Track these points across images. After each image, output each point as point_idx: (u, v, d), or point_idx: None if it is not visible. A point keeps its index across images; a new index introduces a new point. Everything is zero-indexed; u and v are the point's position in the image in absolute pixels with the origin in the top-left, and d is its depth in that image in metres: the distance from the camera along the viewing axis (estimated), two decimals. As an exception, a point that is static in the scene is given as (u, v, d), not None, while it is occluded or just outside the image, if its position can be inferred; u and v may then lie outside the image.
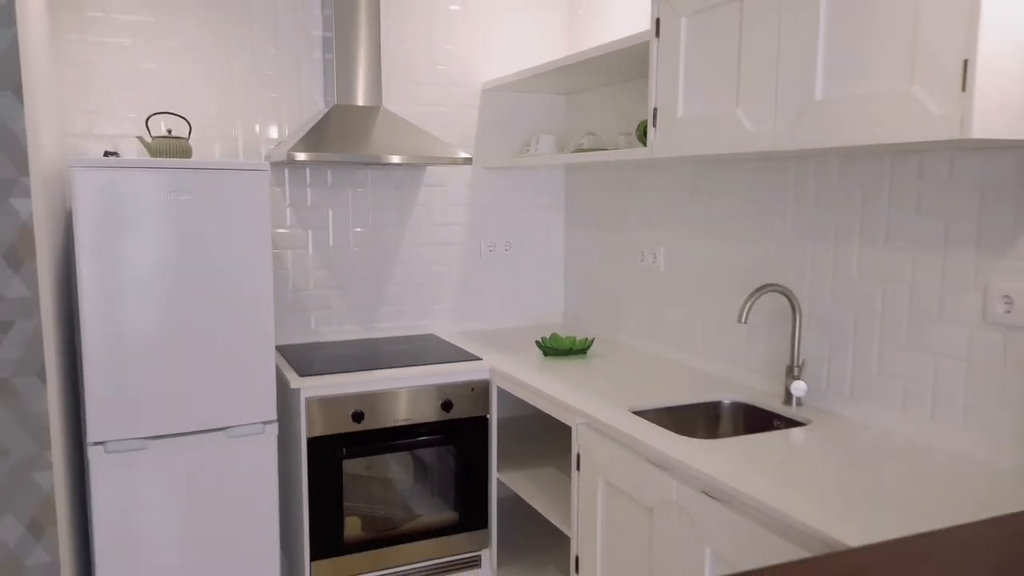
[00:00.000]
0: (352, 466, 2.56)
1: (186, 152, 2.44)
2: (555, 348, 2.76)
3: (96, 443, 2.19)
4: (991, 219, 1.68)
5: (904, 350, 1.89)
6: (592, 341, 2.83)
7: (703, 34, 1.96)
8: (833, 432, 1.91)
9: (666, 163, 2.68)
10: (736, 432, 2.22)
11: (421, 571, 2.68)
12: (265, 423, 2.39)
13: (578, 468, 2.16)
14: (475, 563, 2.76)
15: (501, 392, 2.74)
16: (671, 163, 2.67)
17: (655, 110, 2.14)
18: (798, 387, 2.10)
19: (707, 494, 1.65)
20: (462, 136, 3.20)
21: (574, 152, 2.79)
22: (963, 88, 1.33)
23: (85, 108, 2.63)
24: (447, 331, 3.26)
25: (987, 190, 1.69)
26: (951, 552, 1.11)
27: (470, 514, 2.73)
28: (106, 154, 2.45)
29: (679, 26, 2.03)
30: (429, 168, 3.16)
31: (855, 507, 1.44)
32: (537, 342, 2.80)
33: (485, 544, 2.76)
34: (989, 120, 1.34)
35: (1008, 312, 1.65)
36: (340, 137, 2.64)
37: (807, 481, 1.57)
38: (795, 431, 1.93)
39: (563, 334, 3.25)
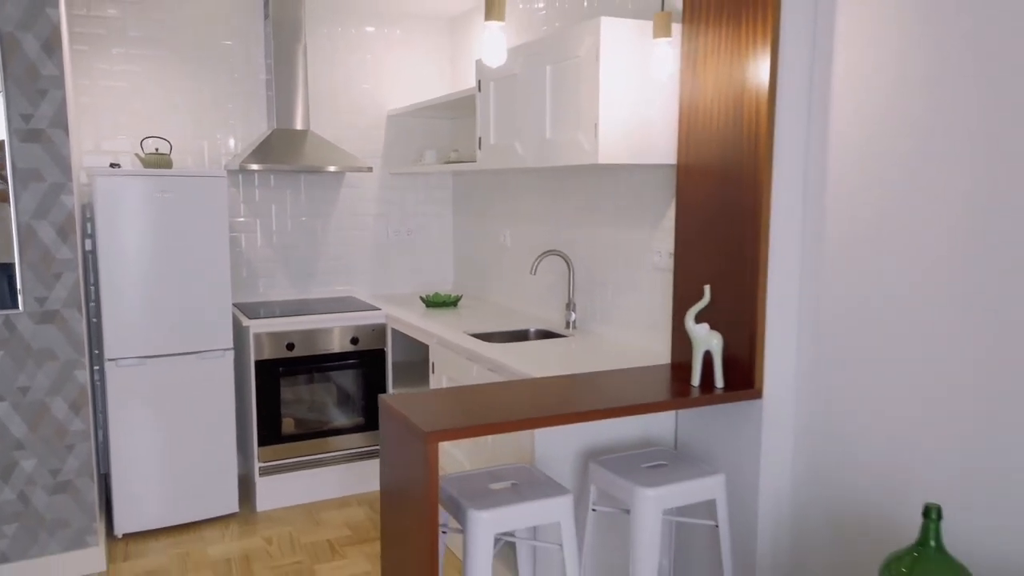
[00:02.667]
0: (287, 381, 3.67)
1: (169, 164, 3.53)
2: (434, 302, 3.91)
3: (110, 359, 3.28)
4: (653, 207, 2.86)
5: (623, 290, 3.07)
6: (461, 296, 3.98)
7: (501, 93, 3.12)
8: (584, 340, 3.09)
9: (495, 172, 3.84)
10: (538, 349, 3.39)
11: (337, 458, 3.81)
12: (225, 350, 3.49)
13: (433, 371, 3.31)
14: (376, 454, 3.89)
15: (394, 332, 3.88)
16: (499, 172, 3.82)
17: (480, 138, 3.29)
18: (570, 317, 3.28)
19: (490, 369, 2.81)
20: (371, 151, 4.33)
21: (442, 163, 3.94)
22: (596, 136, 2.50)
23: (93, 133, 3.71)
24: (362, 294, 4.39)
25: (650, 191, 2.87)
26: (610, 378, 2.27)
27: (372, 417, 3.86)
28: (111, 165, 3.53)
29: (489, 87, 3.19)
30: (347, 174, 4.28)
31: (568, 369, 2.61)
32: (421, 298, 3.95)
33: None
34: (608, 154, 2.51)
35: (659, 260, 2.83)
36: (280, 151, 3.75)
37: (546, 361, 2.74)
38: (560, 340, 3.10)
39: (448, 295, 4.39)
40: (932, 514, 1.67)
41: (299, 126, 3.96)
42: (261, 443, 3.63)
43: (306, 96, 3.96)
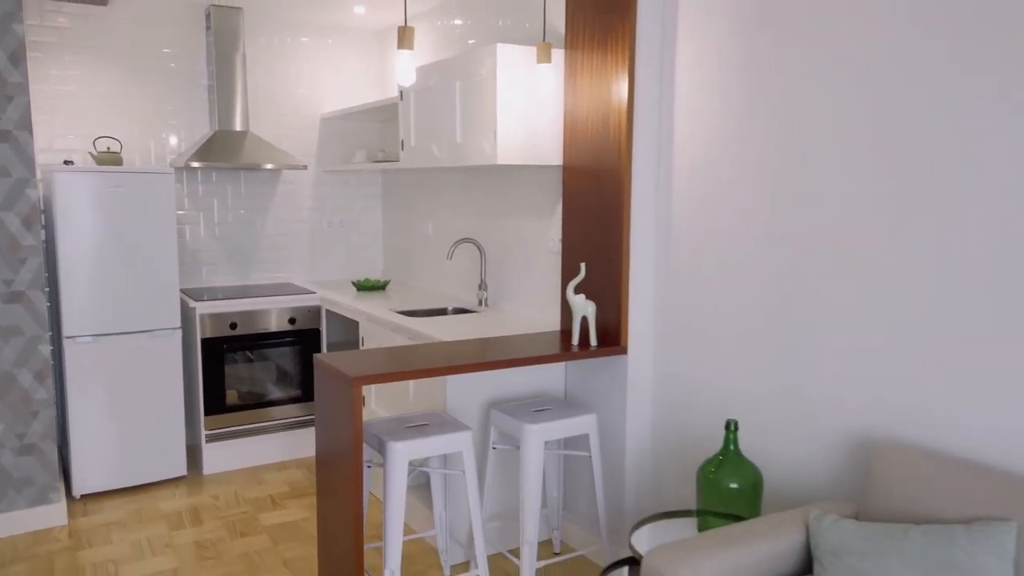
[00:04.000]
0: (231, 358, 4.09)
1: (119, 162, 3.90)
2: (364, 286, 4.38)
3: (68, 337, 3.65)
4: (546, 201, 3.41)
5: (525, 271, 3.61)
6: (389, 281, 4.47)
7: (420, 102, 3.61)
8: (493, 315, 3.61)
9: (418, 170, 4.34)
10: (455, 324, 3.90)
11: (277, 426, 4.25)
12: (173, 329, 3.89)
13: (362, 345, 3.79)
14: (312, 423, 4.34)
15: (328, 313, 4.34)
16: (421, 170, 4.32)
17: (403, 141, 3.78)
18: (482, 296, 3.80)
19: (411, 339, 3.30)
20: (307, 150, 4.77)
21: (371, 162, 4.41)
22: (495, 142, 3.03)
23: (46, 133, 4.05)
24: (298, 280, 4.82)
25: (543, 187, 3.41)
26: (510, 340, 2.79)
27: (310, 390, 4.31)
28: (65, 163, 3.89)
29: (410, 96, 3.68)
30: (284, 171, 4.70)
31: (478, 336, 3.13)
32: (353, 283, 4.42)
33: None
34: (505, 156, 3.04)
35: (552, 245, 3.38)
36: (221, 151, 4.16)
37: (460, 330, 3.25)
38: (474, 315, 3.62)
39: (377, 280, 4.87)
40: (731, 427, 2.25)
41: (239, 127, 4.37)
42: (207, 413, 4.04)
43: (245, 100, 4.37)
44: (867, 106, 2.09)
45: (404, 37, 2.53)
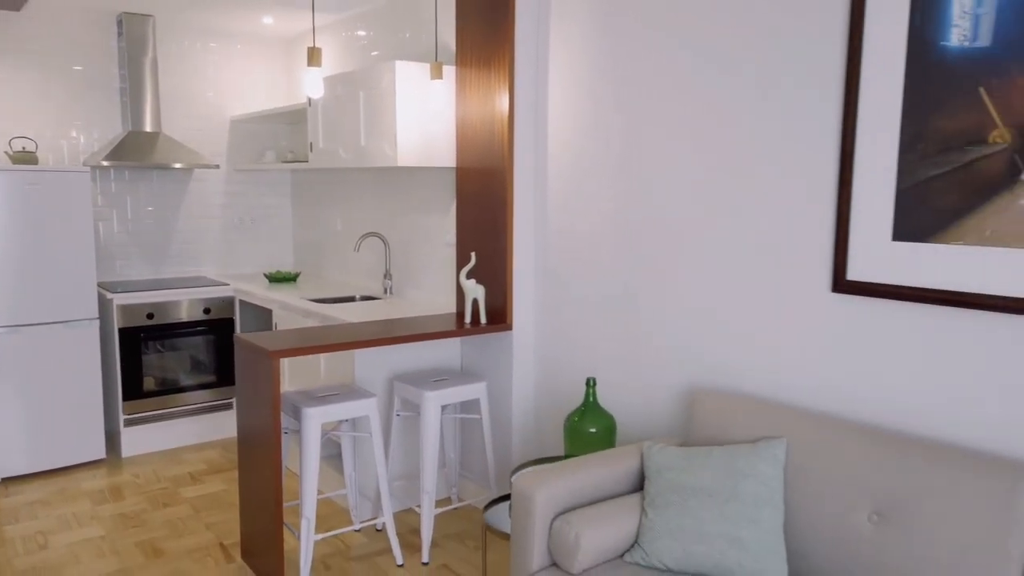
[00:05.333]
0: (148, 346, 4.33)
1: (35, 161, 4.08)
2: (276, 277, 4.69)
3: (-13, 328, 3.82)
4: (443, 199, 3.84)
5: (425, 262, 4.03)
6: (300, 273, 4.79)
7: (327, 109, 3.97)
8: (397, 301, 4.02)
9: (326, 170, 4.69)
10: (362, 311, 4.28)
11: (193, 410, 4.51)
12: (90, 319, 4.10)
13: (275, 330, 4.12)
14: (229, 406, 4.63)
15: (241, 303, 4.63)
16: (329, 170, 4.68)
17: (311, 143, 4.13)
18: (387, 284, 4.20)
19: (320, 322, 3.67)
20: (218, 150, 5.03)
21: (280, 162, 4.73)
22: (395, 146, 3.44)
23: (-41, 131, 4.18)
24: (211, 273, 5.07)
25: (440, 186, 3.84)
26: (410, 321, 3.19)
27: (225, 376, 4.59)
28: (-21, 161, 4.03)
29: (318, 104, 4.03)
30: (196, 170, 4.95)
31: (377, 318, 3.52)
32: (265, 275, 4.72)
33: (234, 394, 4.63)
34: (404, 159, 3.45)
35: (448, 238, 3.82)
36: (133, 151, 4.39)
37: (367, 314, 3.64)
38: (379, 302, 4.01)
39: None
40: (591, 383, 2.75)
41: (150, 128, 4.59)
42: (125, 398, 4.27)
43: (156, 102, 4.61)
44: (689, 116, 2.62)
45: (313, 56, 2.91)
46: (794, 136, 2.32)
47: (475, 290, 3.33)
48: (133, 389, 4.29)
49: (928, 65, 1.96)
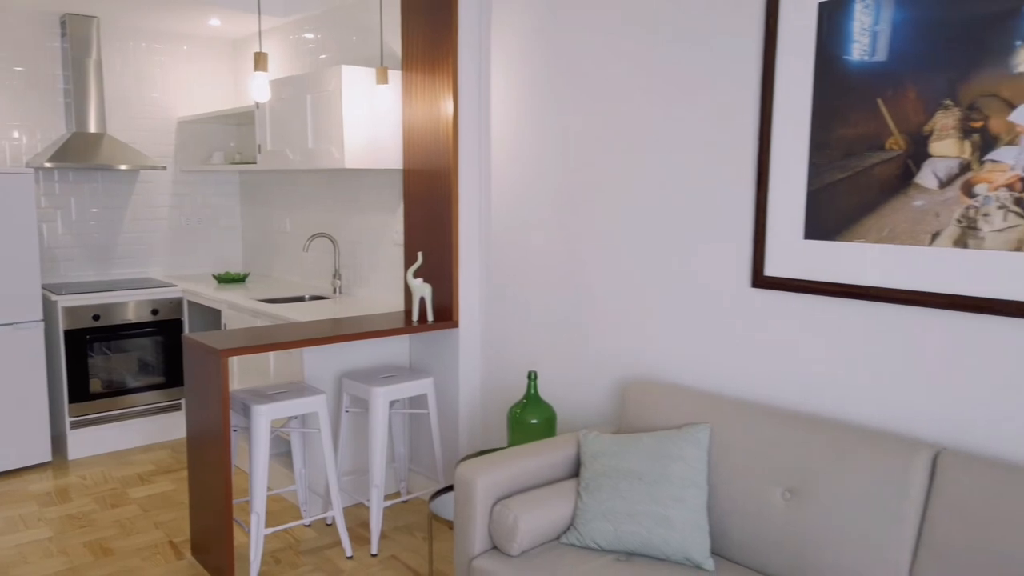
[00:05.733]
0: (95, 348, 4.31)
1: (-25, 162, 4.04)
2: (225, 278, 4.71)
3: (-73, 331, 3.77)
4: (390, 199, 3.93)
5: (374, 261, 4.11)
6: (249, 274, 4.82)
7: (275, 112, 4.02)
8: (346, 301, 4.09)
9: (274, 171, 4.74)
10: (311, 310, 4.34)
11: (141, 412, 4.51)
12: (35, 321, 4.08)
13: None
14: (178, 407, 4.63)
15: (190, 304, 4.64)
16: (277, 171, 4.72)
17: (259, 145, 4.18)
18: (336, 284, 4.27)
19: (269, 322, 3.72)
20: (164, 151, 5.02)
21: (228, 163, 4.75)
22: (343, 148, 3.51)
23: None
24: (159, 274, 5.06)
25: (388, 188, 3.93)
26: (359, 319, 3.27)
27: (173, 377, 4.60)
28: (-83, 162, 3.98)
29: (266, 106, 4.08)
30: (142, 171, 4.93)
31: (326, 317, 3.59)
32: (213, 276, 4.74)
33: (183, 395, 4.64)
34: (352, 161, 3.53)
35: (396, 237, 3.91)
36: (78, 152, 4.37)
37: (316, 313, 3.71)
38: (328, 301, 4.08)
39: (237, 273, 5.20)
40: (532, 376, 2.88)
41: (94, 129, 4.57)
42: (71, 401, 4.25)
43: (101, 103, 4.59)
44: (623, 125, 2.77)
45: (259, 61, 2.97)
46: (718, 145, 2.47)
47: (422, 289, 3.43)
48: (79, 391, 4.27)
49: (832, 77, 2.13)
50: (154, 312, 4.49)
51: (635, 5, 2.68)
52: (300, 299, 4.29)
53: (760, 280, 2.37)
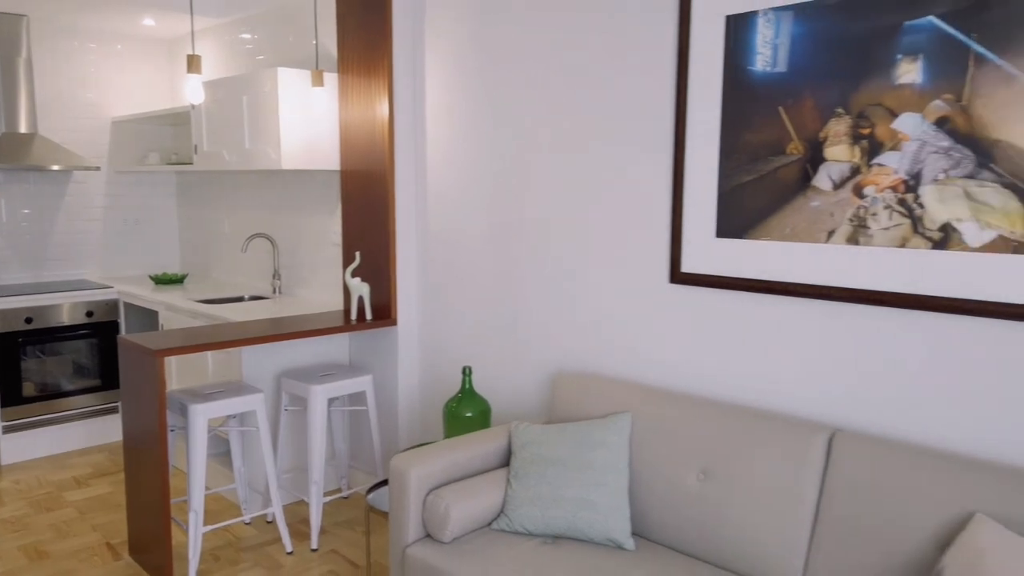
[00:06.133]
0: (28, 351, 4.25)
1: (-102, 162, 3.94)
2: (162, 279, 4.68)
3: None
4: (329, 200, 3.98)
5: (313, 261, 4.15)
6: (187, 275, 4.80)
7: (211, 113, 4.03)
8: (286, 301, 4.12)
9: (212, 172, 4.73)
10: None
11: (78, 415, 4.45)
12: (-36, 325, 4.01)
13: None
14: (115, 410, 4.59)
15: (126, 305, 4.60)
16: (215, 172, 4.72)
17: (196, 145, 4.17)
18: (276, 284, 4.30)
19: (208, 323, 3.74)
20: (99, 152, 4.96)
21: (164, 164, 4.72)
22: (279, 149, 3.55)
23: None
24: (94, 276, 5.00)
25: (326, 188, 3.98)
26: (298, 319, 3.30)
27: (110, 379, 4.56)
28: None
29: (203, 107, 4.08)
30: (75, 172, 4.87)
31: (265, 317, 3.62)
32: (151, 277, 4.71)
33: (119, 398, 4.59)
34: (289, 162, 3.57)
35: (335, 238, 3.96)
36: (7, 152, 4.29)
37: (256, 313, 3.73)
38: (268, 301, 4.10)
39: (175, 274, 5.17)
40: (467, 371, 2.97)
41: (25, 129, 4.50)
42: (3, 404, 4.18)
43: (32, 103, 4.51)
44: (551, 131, 2.89)
45: (192, 64, 3.00)
46: (639, 151, 2.61)
47: (360, 288, 3.49)
48: (12, 395, 4.21)
49: (739, 87, 2.28)
50: (89, 314, 4.44)
51: (559, 21, 2.80)
52: (239, 299, 4.30)
53: (678, 276, 2.51)
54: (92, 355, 4.50)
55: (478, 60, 3.15)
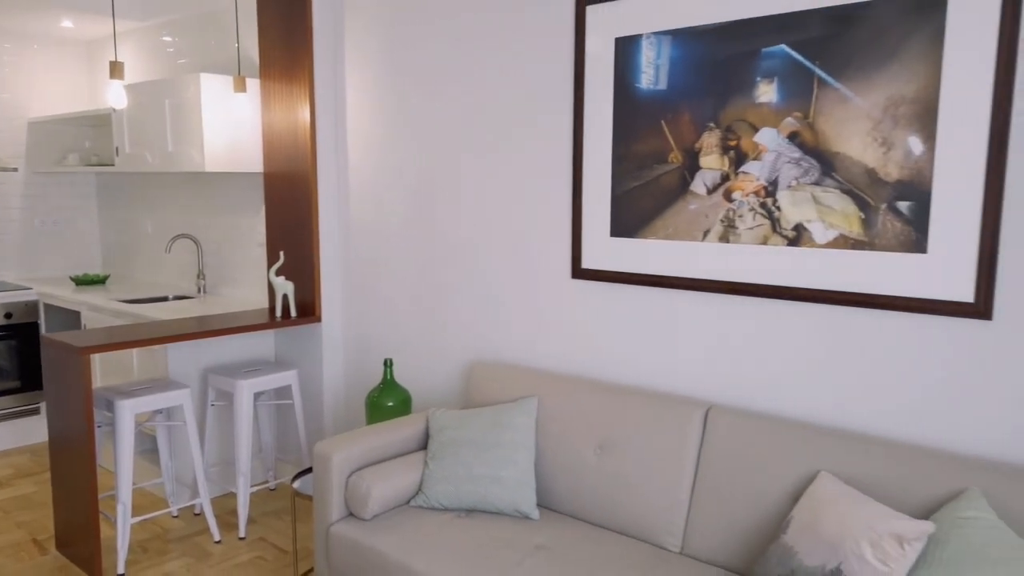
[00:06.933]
0: (-58, 355, 4.21)
1: None
2: (83, 280, 4.69)
3: None
4: (253, 201, 4.09)
5: (239, 261, 4.25)
6: (109, 275, 4.82)
7: (133, 115, 4.09)
8: (212, 300, 4.21)
9: (134, 173, 4.77)
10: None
11: (1, 416, 4.44)
12: None
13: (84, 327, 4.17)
14: (36, 411, 4.58)
15: (46, 306, 4.59)
16: (138, 173, 4.76)
17: (117, 147, 4.22)
18: (200, 284, 4.38)
19: (132, 322, 3.81)
20: (15, 153, 4.92)
21: (84, 165, 4.73)
22: (203, 152, 3.65)
23: None
24: (11, 277, 4.96)
25: (250, 190, 4.09)
26: (222, 316, 3.41)
27: (30, 380, 4.54)
28: None
29: (125, 110, 4.13)
30: (-10, 172, 4.82)
31: (190, 316, 3.72)
32: (71, 278, 4.71)
33: (42, 399, 4.59)
34: (213, 164, 3.68)
35: (260, 238, 4.08)
36: (-81, 154, 4.24)
37: (181, 313, 3.82)
38: (193, 300, 4.19)
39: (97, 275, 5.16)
40: (388, 363, 3.16)
41: (-63, 129, 4.45)
42: (-82, 409, 4.14)
43: (-56, 103, 4.46)
44: (466, 138, 3.10)
45: (115, 70, 3.09)
46: (546, 158, 2.85)
47: (284, 286, 3.63)
48: (-74, 399, 4.16)
49: (628, 102, 2.55)
50: (7, 315, 4.42)
51: (468, 40, 3.02)
52: (163, 299, 4.37)
53: (578, 272, 2.77)
54: (11, 357, 4.48)
55: (396, 65, 3.34)
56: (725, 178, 2.36)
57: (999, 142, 1.88)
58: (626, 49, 2.53)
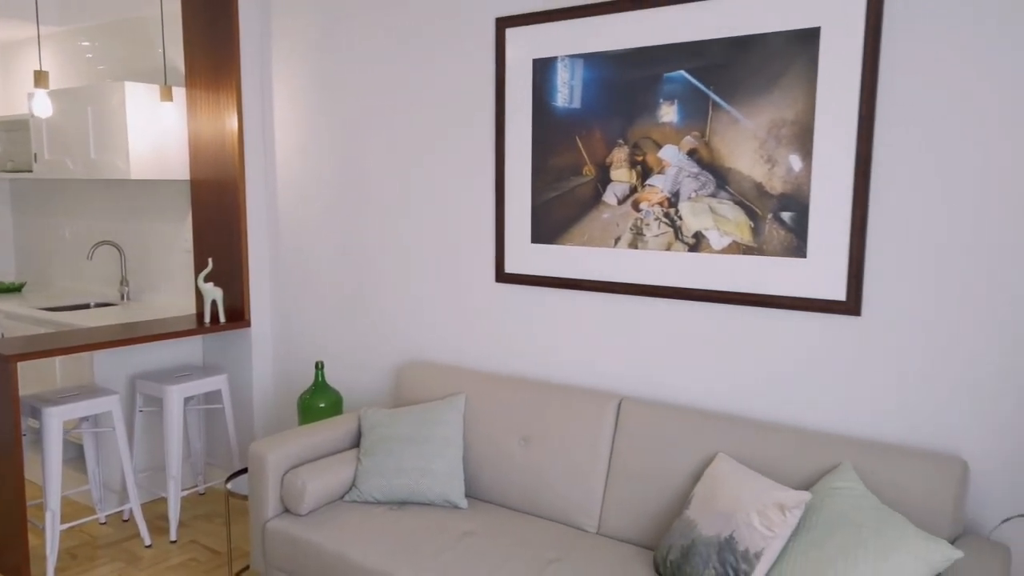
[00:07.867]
0: None
1: None
2: (-2, 289, 4.60)
3: None
4: (179, 208, 4.12)
5: (164, 268, 4.26)
6: (25, 283, 4.72)
7: (53, 121, 4.05)
8: (136, 307, 4.20)
9: (54, 180, 4.71)
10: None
11: (-94, 430, 4.29)
12: None
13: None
14: (-52, 423, 4.45)
15: (-41, 316, 4.48)
16: (57, 180, 4.70)
17: (35, 153, 4.16)
18: (124, 290, 4.36)
19: (54, 330, 3.78)
20: (-79, 156, 4.76)
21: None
22: (128, 160, 3.67)
23: None
24: (-81, 288, 4.80)
25: (176, 197, 4.11)
26: (150, 324, 3.42)
27: (-59, 393, 4.41)
28: None
29: (43, 122, 4.09)
30: None
31: (115, 323, 3.72)
32: (-15, 286, 4.61)
33: (-45, 411, 4.46)
34: (138, 172, 3.70)
35: (186, 244, 4.11)
36: None
37: (104, 320, 3.81)
38: (116, 307, 4.17)
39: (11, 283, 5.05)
40: (319, 366, 3.27)
41: None
42: None
43: None
44: (394, 146, 3.25)
45: (39, 79, 3.10)
46: (471, 168, 3.03)
47: (213, 292, 3.69)
48: None
49: (545, 119, 2.76)
50: (-83, 326, 4.29)
51: (395, 52, 3.17)
52: (85, 306, 4.33)
53: (502, 276, 2.96)
54: (-79, 368, 4.34)
55: (324, 73, 3.45)
56: (633, 190, 2.59)
57: (864, 161, 2.17)
58: (543, 69, 2.73)
